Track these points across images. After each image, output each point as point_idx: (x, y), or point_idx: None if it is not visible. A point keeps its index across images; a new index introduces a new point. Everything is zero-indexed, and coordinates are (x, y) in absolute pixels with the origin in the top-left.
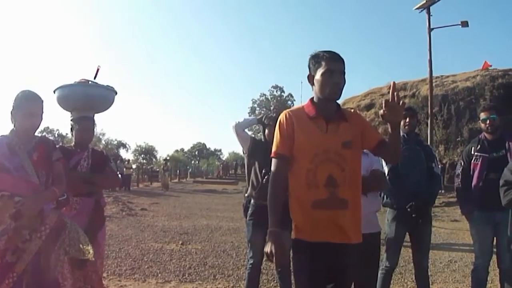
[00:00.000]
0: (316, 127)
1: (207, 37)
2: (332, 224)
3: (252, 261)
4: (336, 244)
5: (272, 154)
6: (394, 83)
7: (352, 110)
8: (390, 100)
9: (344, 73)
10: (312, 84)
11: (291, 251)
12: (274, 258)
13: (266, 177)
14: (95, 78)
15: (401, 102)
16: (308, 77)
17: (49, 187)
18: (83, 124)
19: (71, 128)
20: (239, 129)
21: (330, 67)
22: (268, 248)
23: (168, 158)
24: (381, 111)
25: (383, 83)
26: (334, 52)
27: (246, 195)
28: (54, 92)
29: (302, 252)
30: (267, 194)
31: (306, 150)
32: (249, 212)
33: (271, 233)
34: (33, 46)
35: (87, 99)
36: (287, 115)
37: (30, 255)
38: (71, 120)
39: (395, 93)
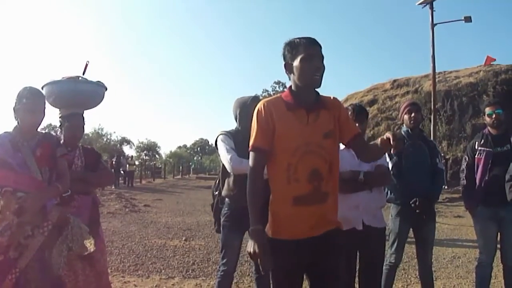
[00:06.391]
0: (295, 118)
1: (208, 34)
2: (314, 218)
3: (225, 268)
4: (319, 236)
5: (250, 148)
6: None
7: (332, 97)
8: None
9: (323, 58)
10: (290, 73)
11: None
12: (258, 259)
13: None
14: (84, 73)
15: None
16: (285, 65)
17: (52, 184)
18: (73, 121)
19: (60, 126)
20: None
21: (310, 51)
22: (251, 248)
23: None
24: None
25: (386, 79)
26: (311, 37)
27: (215, 193)
28: (42, 88)
29: (280, 253)
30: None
31: (287, 143)
32: (224, 213)
33: (254, 232)
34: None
35: (76, 95)
36: (265, 105)
37: (32, 251)
38: (59, 117)
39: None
